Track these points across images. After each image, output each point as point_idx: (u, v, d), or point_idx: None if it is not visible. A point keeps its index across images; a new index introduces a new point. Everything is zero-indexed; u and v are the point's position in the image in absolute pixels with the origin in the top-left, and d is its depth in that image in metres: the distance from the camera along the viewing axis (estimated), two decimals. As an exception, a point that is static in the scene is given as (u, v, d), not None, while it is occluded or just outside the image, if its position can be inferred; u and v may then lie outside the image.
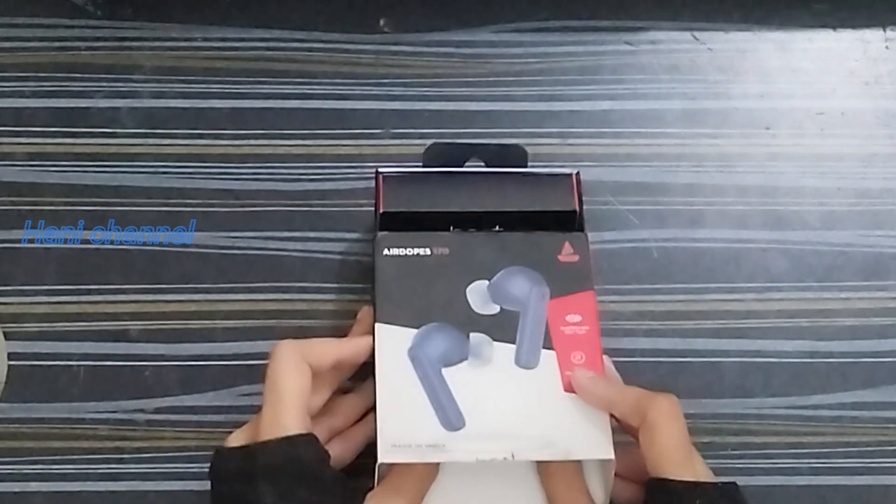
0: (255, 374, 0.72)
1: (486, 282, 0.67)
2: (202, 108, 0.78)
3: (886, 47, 0.83)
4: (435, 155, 0.71)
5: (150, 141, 0.78)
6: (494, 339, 0.66)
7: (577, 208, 0.70)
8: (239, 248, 0.75)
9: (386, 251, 0.67)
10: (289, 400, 0.60)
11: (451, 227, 0.70)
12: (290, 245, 0.75)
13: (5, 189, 0.76)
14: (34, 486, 0.69)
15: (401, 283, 0.67)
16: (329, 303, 0.74)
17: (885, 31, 0.83)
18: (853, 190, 0.79)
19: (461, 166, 0.72)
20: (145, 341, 0.73)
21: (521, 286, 0.67)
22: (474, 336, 0.66)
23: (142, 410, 0.71)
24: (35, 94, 0.78)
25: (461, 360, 0.65)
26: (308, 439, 0.59)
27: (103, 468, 0.70)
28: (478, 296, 0.67)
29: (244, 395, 0.72)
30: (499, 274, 0.68)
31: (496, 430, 0.63)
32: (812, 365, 0.74)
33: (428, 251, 0.68)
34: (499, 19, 0.82)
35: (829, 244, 0.77)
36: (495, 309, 0.67)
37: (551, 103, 0.80)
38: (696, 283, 0.75)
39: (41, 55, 0.79)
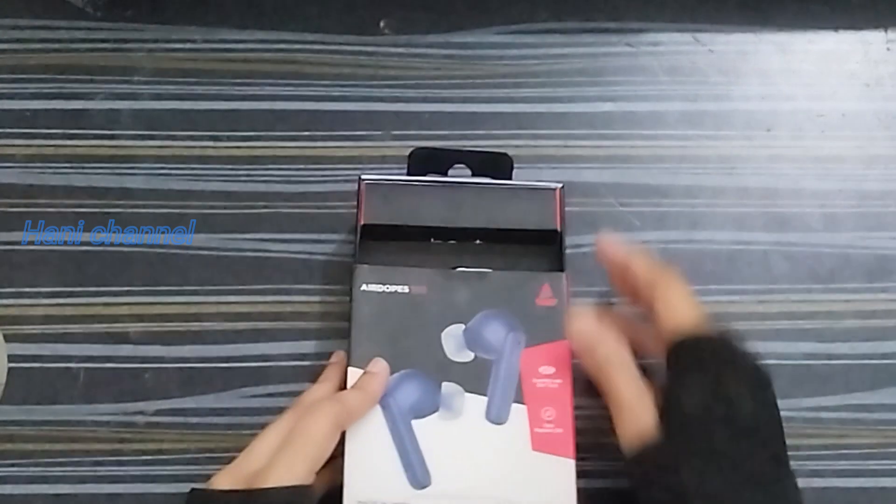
0: (256, 376, 0.72)
1: (462, 326, 0.67)
2: (202, 110, 0.78)
3: (888, 49, 0.83)
4: (419, 160, 0.71)
5: (150, 143, 0.77)
6: (467, 390, 0.66)
7: (559, 227, 0.70)
8: (239, 250, 0.75)
9: (364, 286, 0.67)
10: (313, 458, 0.60)
11: (432, 240, 0.71)
12: (290, 247, 0.75)
13: (5, 191, 0.76)
14: (34, 489, 0.69)
15: (376, 323, 0.67)
16: (330, 304, 0.73)
17: (886, 32, 0.83)
18: (854, 192, 0.79)
19: (446, 172, 0.72)
20: (145, 343, 0.73)
21: (497, 332, 0.67)
22: (446, 386, 0.66)
23: (142, 413, 0.71)
24: (35, 96, 0.78)
25: (432, 412, 0.65)
26: (311, 491, 0.59)
27: (103, 471, 0.70)
28: (453, 341, 0.67)
29: (245, 397, 0.72)
30: (475, 318, 0.68)
31: (462, 490, 0.64)
32: (813, 367, 0.74)
33: (406, 289, 0.68)
34: (500, 21, 0.82)
35: (830, 246, 0.77)
36: (469, 356, 0.67)
37: (552, 105, 0.80)
38: (696, 286, 0.75)
39: (41, 57, 0.79)
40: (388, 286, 0.68)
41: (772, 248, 0.77)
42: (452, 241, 0.71)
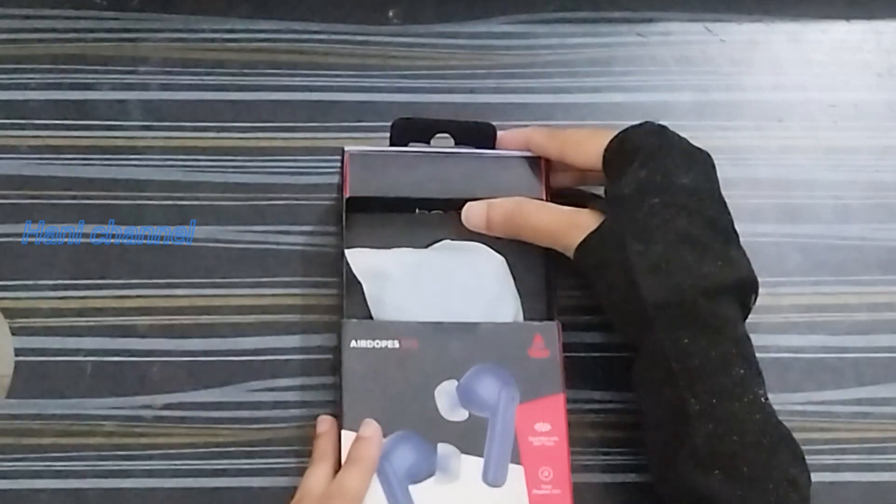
0: (264, 369, 0.72)
1: (455, 382, 0.66)
2: (209, 101, 0.78)
3: (900, 38, 0.83)
4: (402, 130, 0.72)
5: (157, 133, 0.77)
6: (462, 451, 0.65)
7: (545, 196, 0.71)
8: (247, 243, 0.74)
9: (353, 343, 0.67)
10: None
11: (417, 210, 0.71)
12: (299, 239, 0.75)
13: (10, 182, 0.75)
14: (41, 483, 0.69)
15: (368, 382, 0.66)
16: (335, 297, 0.73)
17: (899, 22, 0.83)
18: (867, 183, 0.78)
19: (428, 141, 0.72)
20: (153, 336, 0.72)
21: (490, 388, 0.67)
22: (442, 447, 0.65)
23: (149, 406, 0.71)
24: (41, 87, 0.78)
25: (429, 475, 0.64)
26: None
27: (110, 465, 0.69)
28: (446, 399, 0.66)
29: (253, 390, 0.71)
30: (468, 374, 0.67)
31: None
32: (826, 360, 0.73)
33: (396, 344, 0.67)
34: (509, 10, 0.81)
35: (842, 238, 0.77)
36: (464, 415, 0.66)
37: (562, 95, 0.79)
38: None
39: (47, 47, 0.79)
40: (377, 342, 0.67)
41: (784, 240, 0.76)
42: (438, 211, 0.71)
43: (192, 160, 0.76)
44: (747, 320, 0.65)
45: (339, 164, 0.74)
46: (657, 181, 0.65)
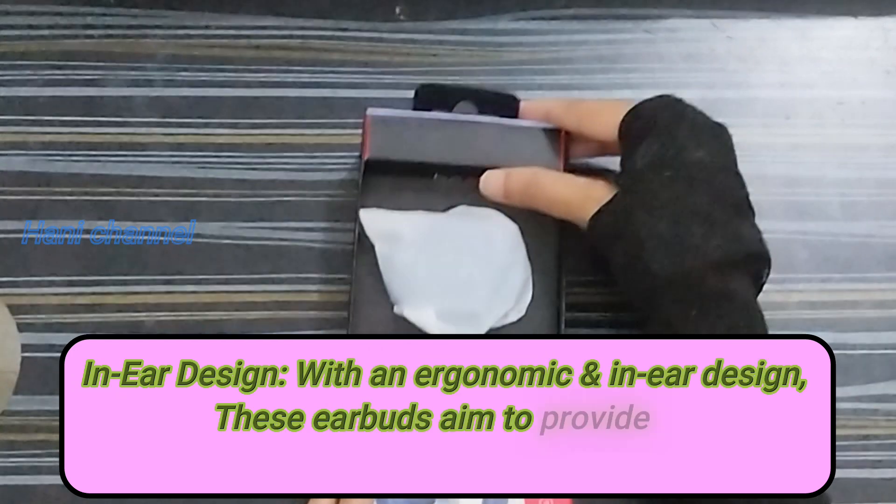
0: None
1: None
2: (216, 97, 0.78)
3: (908, 35, 0.82)
4: (425, 96, 0.72)
5: (164, 130, 0.77)
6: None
7: (562, 167, 0.71)
8: (253, 239, 0.74)
9: None
10: None
11: (435, 175, 0.72)
12: (306, 236, 0.75)
13: (18, 178, 0.75)
14: (48, 479, 0.69)
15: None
16: (342, 294, 0.73)
17: (906, 19, 0.83)
18: (874, 180, 0.78)
19: (451, 109, 0.72)
20: (160, 333, 0.72)
21: None
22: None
23: (157, 403, 0.71)
24: (47, 83, 0.78)
25: None
26: None
27: (118, 461, 0.69)
28: None
29: (260, 387, 0.71)
30: None
31: None
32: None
33: None
34: (516, 7, 0.81)
35: (850, 235, 0.76)
36: None
37: (569, 92, 0.79)
38: (715, 275, 0.75)
39: (53, 43, 0.79)
40: None
41: (791, 237, 0.76)
42: (457, 177, 0.71)
43: (200, 157, 0.76)
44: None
45: (349, 162, 0.74)
46: (670, 155, 0.65)
